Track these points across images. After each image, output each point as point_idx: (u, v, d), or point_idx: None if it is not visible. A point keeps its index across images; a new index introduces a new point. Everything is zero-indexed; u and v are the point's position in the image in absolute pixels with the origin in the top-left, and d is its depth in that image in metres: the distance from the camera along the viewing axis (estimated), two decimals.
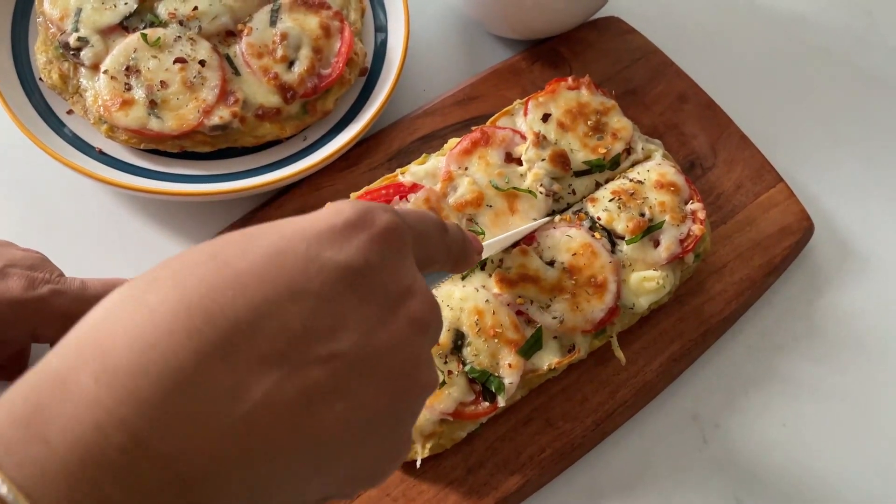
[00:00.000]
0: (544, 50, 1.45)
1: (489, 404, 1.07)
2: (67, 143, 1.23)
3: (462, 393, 1.06)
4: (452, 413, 1.05)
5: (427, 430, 1.06)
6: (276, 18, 1.28)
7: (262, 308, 0.50)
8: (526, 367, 1.09)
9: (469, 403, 1.07)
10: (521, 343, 1.09)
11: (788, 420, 1.23)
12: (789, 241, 1.31)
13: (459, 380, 1.07)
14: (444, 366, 1.07)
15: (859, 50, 1.61)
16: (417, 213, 0.69)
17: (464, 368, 1.07)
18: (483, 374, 1.07)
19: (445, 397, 1.05)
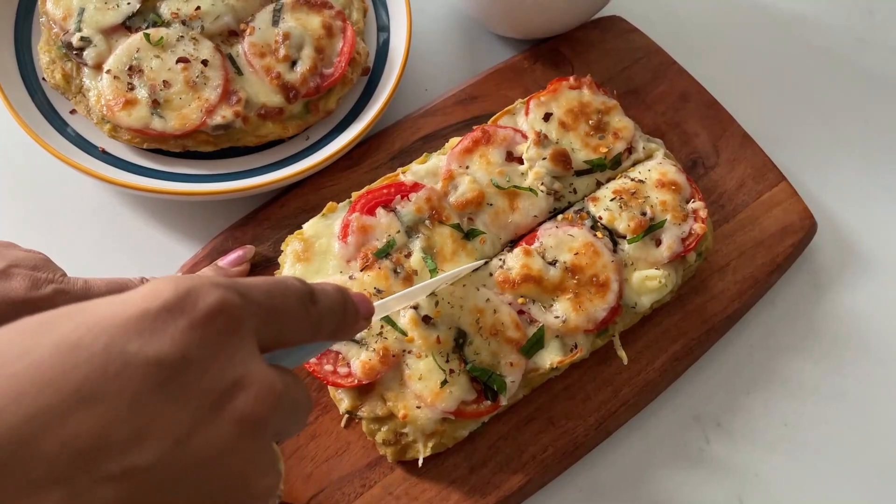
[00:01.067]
0: (546, 49, 1.45)
1: (491, 403, 1.07)
2: (70, 142, 1.23)
3: (463, 391, 1.06)
4: (454, 412, 1.05)
5: (428, 429, 1.06)
6: (279, 18, 1.28)
7: (40, 420, 0.42)
8: (528, 366, 1.09)
9: (471, 402, 1.07)
10: (522, 342, 1.09)
11: (790, 419, 1.23)
12: (792, 240, 1.31)
13: (461, 378, 1.07)
14: (445, 364, 1.07)
15: (861, 49, 1.61)
16: (270, 284, 0.57)
17: (465, 367, 1.07)
18: (485, 373, 1.08)
19: (447, 396, 1.05)
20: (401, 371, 1.06)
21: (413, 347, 1.07)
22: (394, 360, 1.06)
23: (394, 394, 1.05)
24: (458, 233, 1.13)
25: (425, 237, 1.12)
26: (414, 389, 1.05)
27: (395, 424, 1.06)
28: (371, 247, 1.11)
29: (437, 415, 1.05)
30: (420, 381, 1.05)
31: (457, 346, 1.08)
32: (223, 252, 1.22)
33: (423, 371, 1.05)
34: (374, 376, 1.05)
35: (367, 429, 1.08)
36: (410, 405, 1.04)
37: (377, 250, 1.10)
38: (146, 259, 1.27)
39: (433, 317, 1.08)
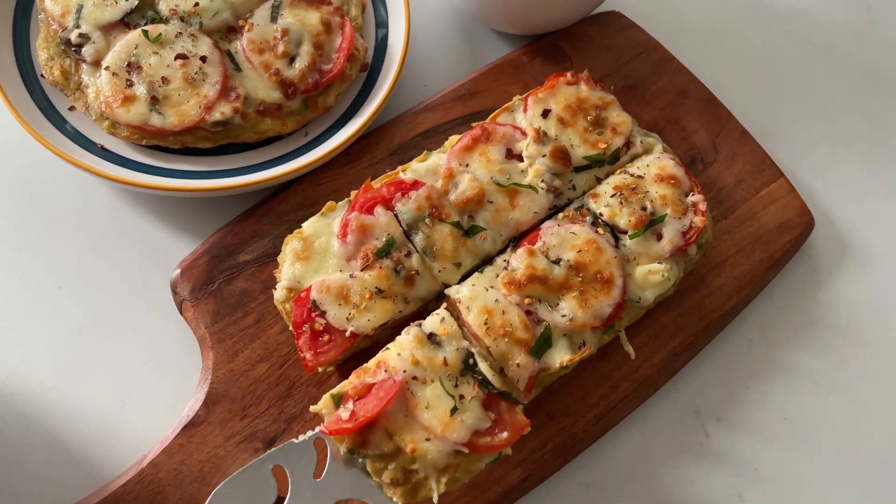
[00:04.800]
0: (545, 45, 1.45)
1: (506, 435, 0.99)
2: (69, 139, 1.23)
3: (476, 419, 0.98)
4: (467, 444, 0.96)
5: (440, 464, 0.96)
6: (277, 14, 1.28)
7: None
8: (538, 366, 1.07)
9: (485, 432, 0.99)
10: (531, 343, 1.06)
11: (789, 414, 1.24)
12: (790, 236, 1.31)
13: (472, 405, 0.99)
14: (454, 389, 0.99)
15: (859, 45, 1.62)
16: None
17: (479, 387, 1.00)
18: (506, 393, 1.01)
19: (458, 425, 0.97)
20: (406, 400, 0.98)
21: (418, 372, 0.99)
22: (396, 387, 0.98)
23: (399, 426, 0.97)
24: (458, 230, 1.13)
25: (425, 235, 1.12)
26: (421, 420, 0.96)
27: (403, 461, 0.97)
28: (371, 246, 1.10)
29: (449, 447, 0.96)
30: (428, 409, 0.97)
31: (466, 367, 1.02)
32: (222, 248, 1.22)
33: (430, 398, 0.97)
34: (376, 413, 0.97)
35: (371, 468, 0.98)
36: (419, 438, 0.95)
37: (377, 249, 1.10)
38: (145, 255, 1.27)
39: (439, 334, 1.03)
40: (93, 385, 1.18)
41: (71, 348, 1.20)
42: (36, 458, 1.13)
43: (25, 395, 1.17)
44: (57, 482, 1.12)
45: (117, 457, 1.13)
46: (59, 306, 1.22)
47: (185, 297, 1.19)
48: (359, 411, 0.97)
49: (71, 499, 1.09)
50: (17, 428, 1.15)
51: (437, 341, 1.02)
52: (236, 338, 1.16)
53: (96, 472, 1.12)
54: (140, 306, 1.23)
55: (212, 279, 1.20)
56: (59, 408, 1.16)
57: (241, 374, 1.14)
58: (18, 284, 1.24)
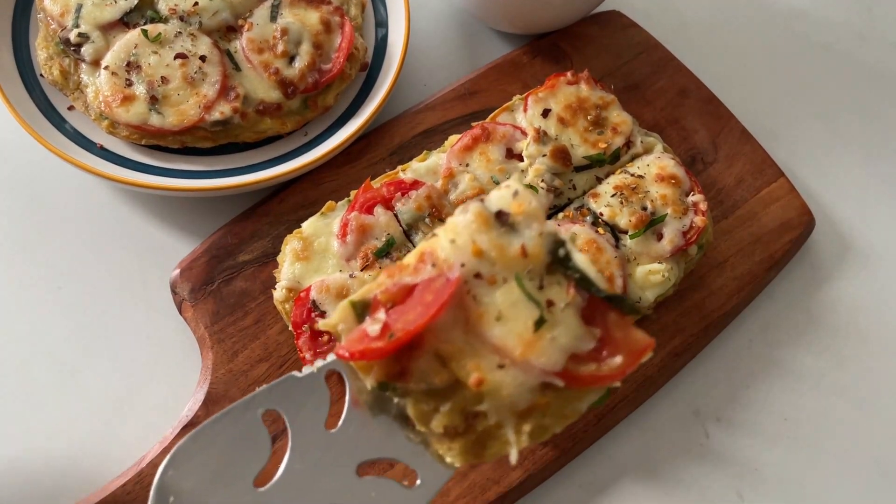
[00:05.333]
0: (545, 44, 1.45)
1: (619, 360, 0.67)
2: (69, 138, 1.23)
3: (574, 336, 0.67)
4: (561, 373, 0.66)
5: (520, 403, 0.67)
6: (277, 14, 1.28)
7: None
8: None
9: (587, 356, 0.68)
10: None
11: (790, 414, 1.23)
12: (790, 236, 1.31)
13: (567, 315, 0.68)
14: (539, 293, 0.68)
15: (859, 45, 1.61)
16: None
17: (577, 290, 0.69)
18: (616, 297, 0.71)
19: (547, 345, 0.66)
20: (465, 309, 0.67)
21: (483, 267, 0.68)
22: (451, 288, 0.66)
23: (457, 348, 0.67)
24: None
25: (425, 235, 1.12)
26: (491, 338, 0.67)
27: (464, 400, 0.69)
28: (371, 246, 1.10)
29: (534, 378, 0.67)
30: (499, 322, 0.67)
31: (555, 261, 0.70)
32: (222, 248, 1.22)
33: (502, 306, 0.68)
34: (422, 326, 0.66)
35: (414, 411, 0.70)
36: (487, 365, 0.66)
37: (377, 249, 1.10)
38: (144, 255, 1.27)
39: (512, 213, 0.70)
40: (92, 385, 1.18)
41: (70, 348, 1.20)
42: (34, 458, 1.13)
43: (24, 394, 1.16)
44: (56, 483, 1.11)
45: (116, 457, 1.13)
46: (58, 306, 1.22)
47: (184, 297, 1.19)
48: (394, 324, 0.67)
49: (70, 499, 1.09)
50: (17, 428, 1.14)
51: (510, 223, 0.70)
52: (236, 338, 1.16)
53: (95, 473, 1.12)
54: (139, 306, 1.23)
55: (211, 279, 1.19)
56: (57, 408, 1.16)
57: (240, 374, 1.14)
58: (17, 284, 1.23)
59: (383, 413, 0.71)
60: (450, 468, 0.71)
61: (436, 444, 0.70)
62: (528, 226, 0.70)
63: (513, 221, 0.70)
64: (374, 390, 0.69)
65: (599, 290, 0.69)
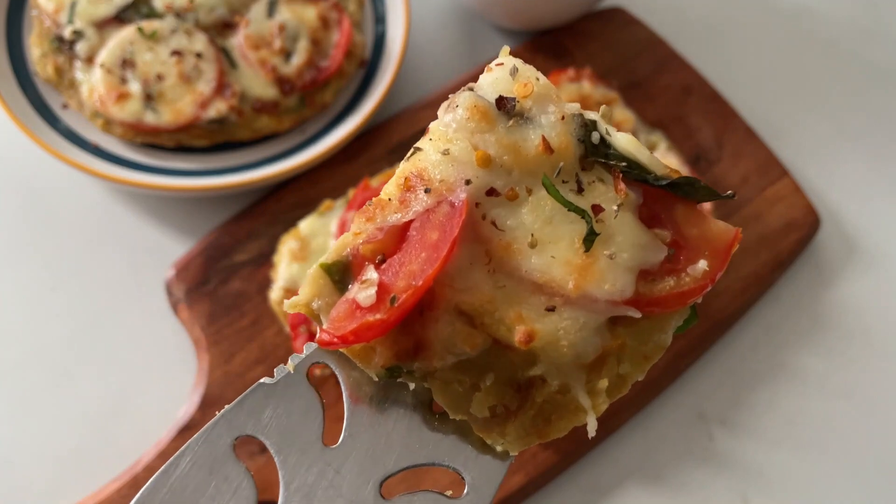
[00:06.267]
0: (547, 41, 1.43)
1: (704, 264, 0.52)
2: (63, 137, 1.21)
3: (639, 246, 0.51)
4: (634, 300, 0.51)
5: (589, 354, 0.51)
6: (274, 10, 1.26)
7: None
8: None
9: (661, 269, 0.52)
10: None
11: (795, 416, 1.22)
12: (795, 236, 1.29)
13: (625, 221, 0.51)
14: (579, 198, 0.51)
15: (865, 42, 1.59)
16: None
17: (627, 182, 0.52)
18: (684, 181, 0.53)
19: (606, 266, 0.50)
20: (485, 242, 0.50)
21: (497, 178, 0.51)
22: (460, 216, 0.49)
23: (485, 296, 0.50)
24: None
25: None
26: (528, 273, 0.50)
27: (510, 365, 0.52)
28: None
29: (600, 314, 0.50)
30: (536, 249, 0.50)
31: (590, 152, 0.53)
32: (218, 248, 1.20)
33: (535, 226, 0.50)
34: (432, 276, 0.48)
35: (445, 396, 0.53)
36: (533, 311, 0.49)
37: None
38: (139, 255, 1.25)
39: (519, 97, 0.55)
40: (86, 387, 1.16)
41: (64, 350, 1.18)
42: (29, 461, 1.11)
43: (18, 397, 1.15)
44: (51, 486, 1.10)
45: (112, 461, 1.11)
46: (53, 307, 1.21)
47: (179, 298, 1.17)
48: (394, 283, 0.49)
49: (66, 502, 1.08)
50: (10, 431, 1.13)
51: (518, 111, 0.54)
52: (232, 339, 1.14)
53: (91, 476, 1.10)
54: (134, 307, 1.21)
55: (207, 280, 1.18)
56: (52, 411, 1.14)
57: (236, 376, 1.12)
58: (11, 285, 1.22)
59: (396, 406, 0.53)
60: (504, 458, 0.54)
61: (482, 433, 0.53)
62: (542, 111, 0.53)
63: (520, 109, 0.53)
64: (383, 376, 0.51)
65: (658, 178, 0.52)
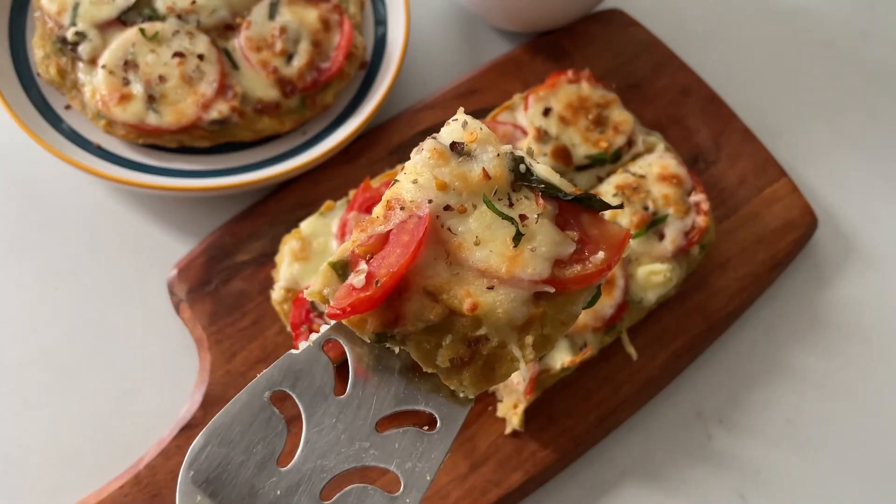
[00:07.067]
0: (546, 43, 1.44)
1: (602, 256, 0.71)
2: (65, 138, 1.22)
3: (554, 243, 0.71)
4: (550, 280, 0.70)
5: (518, 317, 0.69)
6: (275, 12, 1.27)
7: None
8: (539, 367, 1.07)
9: (570, 260, 0.71)
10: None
11: (792, 415, 1.22)
12: (793, 236, 1.30)
13: (543, 225, 0.71)
14: (511, 210, 0.71)
15: (862, 43, 1.60)
16: None
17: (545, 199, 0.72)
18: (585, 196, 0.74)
19: (530, 257, 0.69)
20: (443, 243, 0.70)
21: (451, 198, 0.71)
22: (424, 224, 0.69)
23: (444, 280, 0.69)
24: None
25: None
26: (474, 264, 0.70)
27: (463, 327, 0.70)
28: None
29: (525, 290, 0.69)
30: (479, 246, 0.70)
31: (518, 177, 0.73)
32: (219, 248, 1.21)
33: (478, 230, 0.71)
34: (405, 266, 0.68)
35: (418, 353, 0.71)
36: (477, 289, 0.69)
37: None
38: (141, 255, 1.26)
39: (467, 142, 0.74)
40: (89, 386, 1.17)
41: (67, 349, 1.19)
42: (31, 460, 1.12)
43: (21, 396, 1.16)
44: (53, 485, 1.11)
45: (114, 459, 1.12)
46: (55, 307, 1.21)
47: (181, 297, 1.18)
48: (378, 271, 0.68)
49: (67, 502, 1.08)
50: (13, 430, 1.14)
51: (466, 151, 0.73)
52: (234, 339, 1.15)
53: (92, 475, 1.11)
54: (136, 307, 1.22)
55: (209, 280, 1.18)
56: (54, 409, 1.15)
57: (238, 375, 1.13)
58: (14, 285, 1.22)
59: (388, 371, 0.73)
60: (466, 403, 0.73)
61: (447, 379, 0.71)
62: (484, 150, 0.73)
63: (468, 150, 0.72)
64: (373, 346, 0.71)
65: (566, 195, 0.72)
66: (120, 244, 1.27)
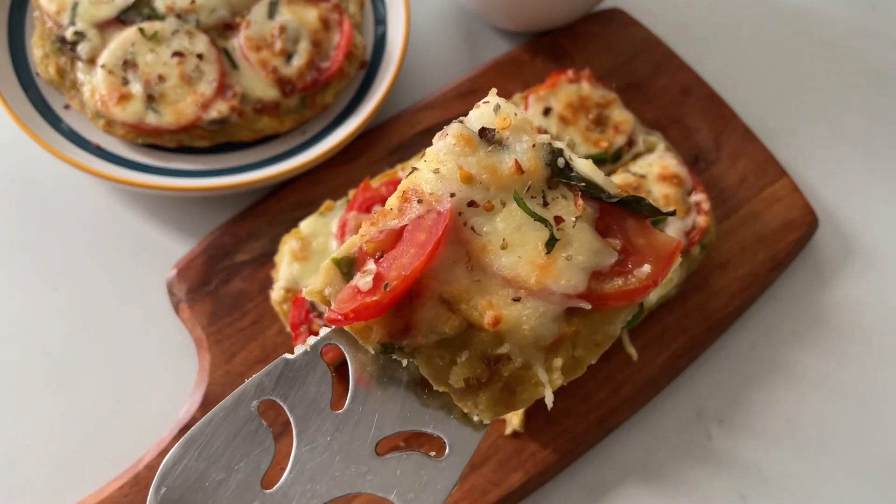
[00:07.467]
0: (546, 42, 1.44)
1: (648, 269, 0.61)
2: (65, 138, 1.22)
3: (593, 252, 0.60)
4: (586, 294, 0.60)
5: (546, 336, 0.59)
6: (275, 11, 1.27)
7: None
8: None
9: (611, 272, 0.61)
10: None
11: (793, 415, 1.22)
12: (793, 236, 1.29)
13: (581, 230, 0.61)
14: (544, 211, 0.61)
15: (863, 42, 1.60)
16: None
17: (585, 200, 0.63)
18: (633, 199, 0.64)
19: (564, 266, 0.59)
20: (464, 243, 0.60)
21: (476, 193, 0.61)
22: (444, 221, 0.59)
23: (463, 288, 0.60)
24: None
25: None
26: (499, 270, 0.60)
27: (481, 344, 0.60)
28: None
29: (556, 304, 0.59)
30: (506, 251, 0.60)
31: (555, 173, 0.63)
32: (219, 248, 1.20)
33: (505, 232, 0.61)
34: (419, 268, 0.58)
35: (428, 370, 0.62)
36: (500, 300, 0.59)
37: None
38: (141, 255, 1.25)
39: (498, 129, 0.64)
40: (88, 387, 1.17)
41: (66, 349, 1.19)
42: (31, 460, 1.12)
43: (20, 396, 1.15)
44: (52, 485, 1.10)
45: (113, 460, 1.12)
46: (55, 307, 1.21)
47: (181, 297, 1.17)
48: (388, 272, 0.59)
49: (67, 502, 1.08)
50: (13, 430, 1.13)
51: (497, 139, 0.63)
52: (233, 339, 1.15)
53: (92, 475, 1.11)
54: (136, 307, 1.22)
55: (208, 280, 1.18)
56: (54, 410, 1.15)
57: (238, 375, 1.13)
58: (13, 284, 1.22)
59: (393, 383, 0.64)
60: (480, 428, 0.64)
61: (459, 402, 0.62)
62: (517, 139, 0.63)
63: (500, 138, 0.62)
64: (378, 356, 0.62)
65: (611, 196, 0.63)
66: (119, 244, 1.26)
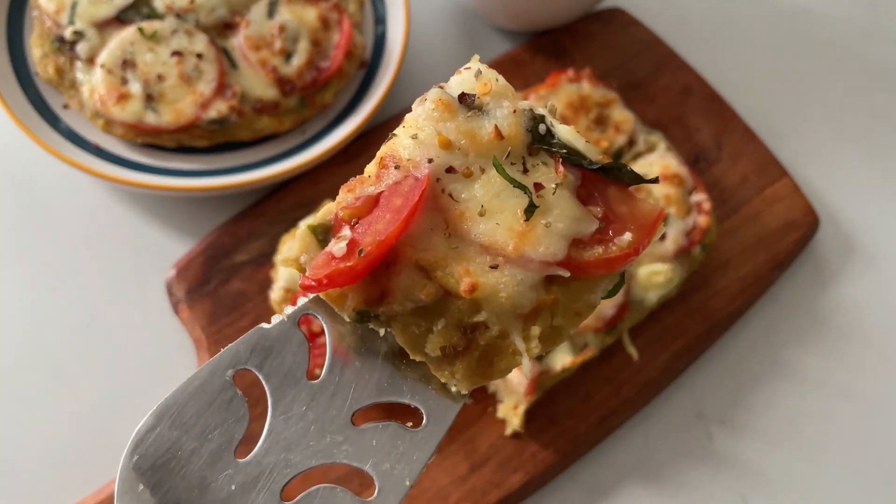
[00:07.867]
0: (546, 42, 1.43)
1: (629, 237, 0.60)
2: (63, 137, 1.21)
3: (573, 219, 0.59)
4: (565, 262, 0.58)
5: (523, 304, 0.58)
6: (274, 11, 1.26)
7: None
8: (539, 368, 1.06)
9: (591, 239, 0.59)
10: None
11: (794, 416, 1.22)
12: (794, 236, 1.29)
13: (561, 196, 0.60)
14: (524, 177, 0.60)
15: (864, 42, 1.60)
16: None
17: (566, 167, 0.61)
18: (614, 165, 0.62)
19: (543, 233, 0.58)
20: (442, 210, 0.59)
21: (455, 159, 0.60)
22: (421, 186, 0.59)
23: (440, 254, 0.59)
24: None
25: None
26: (477, 236, 0.59)
27: (458, 311, 0.59)
28: None
29: (535, 272, 0.58)
30: (484, 217, 0.59)
31: (537, 139, 0.63)
32: (218, 248, 1.20)
33: (484, 198, 0.60)
34: (395, 234, 0.58)
35: (404, 338, 0.61)
36: (478, 267, 0.58)
37: None
38: (140, 255, 1.25)
39: (479, 94, 0.63)
40: (88, 387, 1.16)
41: (65, 350, 1.18)
42: (30, 460, 1.12)
43: (20, 396, 1.15)
44: (52, 485, 1.10)
45: (113, 459, 1.10)
46: (53, 307, 1.21)
47: (180, 298, 1.17)
48: (362, 238, 0.58)
49: (67, 502, 1.08)
50: (12, 430, 1.13)
51: (477, 105, 0.63)
52: (233, 339, 1.14)
53: (92, 475, 1.10)
54: (135, 307, 1.22)
55: (208, 280, 1.18)
56: (53, 410, 1.15)
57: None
58: (12, 285, 1.22)
59: (371, 354, 0.63)
60: (458, 399, 0.64)
61: (436, 370, 0.61)
62: (498, 105, 0.63)
63: (480, 103, 0.62)
64: (356, 327, 0.62)
65: (592, 163, 0.61)
66: (118, 244, 1.26)
